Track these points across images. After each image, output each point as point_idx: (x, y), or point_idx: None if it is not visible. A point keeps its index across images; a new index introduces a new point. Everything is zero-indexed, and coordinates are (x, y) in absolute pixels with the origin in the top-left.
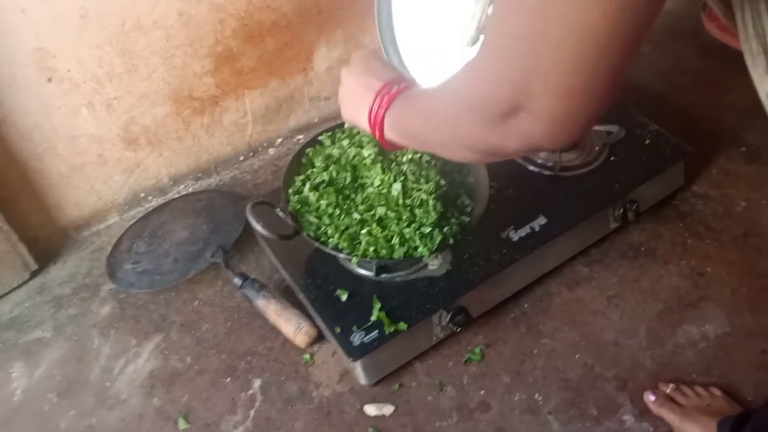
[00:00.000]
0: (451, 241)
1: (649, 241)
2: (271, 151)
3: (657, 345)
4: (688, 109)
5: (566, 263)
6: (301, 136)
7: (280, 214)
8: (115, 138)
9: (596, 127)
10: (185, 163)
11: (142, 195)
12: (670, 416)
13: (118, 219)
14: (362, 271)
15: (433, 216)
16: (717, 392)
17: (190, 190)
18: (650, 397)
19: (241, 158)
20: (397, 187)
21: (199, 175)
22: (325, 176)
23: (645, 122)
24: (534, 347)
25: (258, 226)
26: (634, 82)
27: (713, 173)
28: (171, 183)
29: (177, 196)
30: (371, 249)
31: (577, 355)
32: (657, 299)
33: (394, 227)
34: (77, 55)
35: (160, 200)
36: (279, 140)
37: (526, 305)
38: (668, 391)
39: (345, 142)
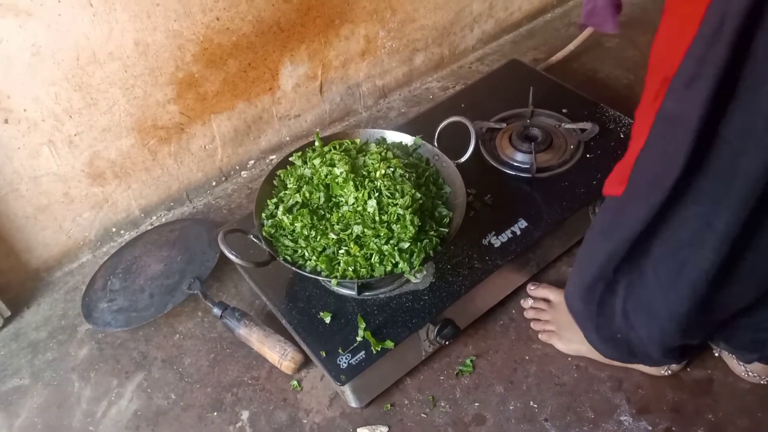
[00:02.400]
0: (432, 253)
1: None
2: (244, 173)
3: None
4: None
5: (551, 265)
6: (273, 156)
7: (255, 240)
8: (79, 174)
9: (569, 125)
10: (155, 194)
11: (114, 230)
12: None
13: (90, 256)
14: (344, 291)
15: (411, 231)
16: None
17: (164, 220)
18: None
19: (213, 183)
20: (372, 203)
21: (171, 204)
22: (298, 198)
23: (618, 116)
24: (525, 353)
25: (232, 256)
26: (602, 77)
27: None
28: (142, 215)
29: (150, 227)
30: (350, 269)
31: (569, 358)
32: None
33: (372, 245)
34: (32, 94)
35: (133, 233)
36: (251, 162)
37: (513, 311)
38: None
39: (316, 161)
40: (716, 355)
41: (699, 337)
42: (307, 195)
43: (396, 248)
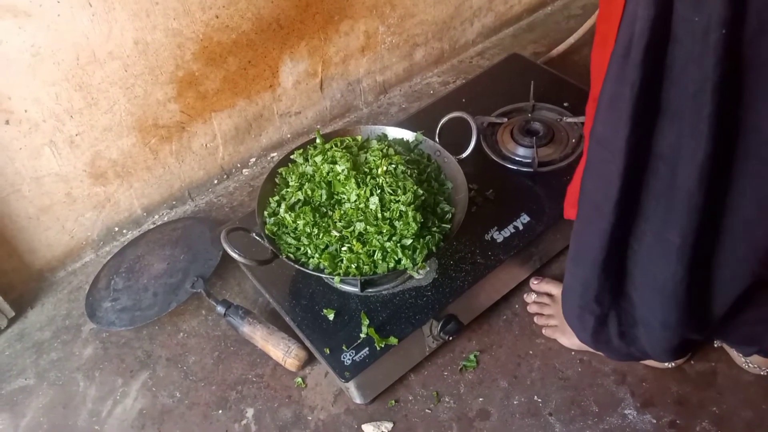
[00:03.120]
0: (434, 249)
1: None
2: (246, 171)
3: None
4: None
5: (554, 259)
6: (274, 154)
7: (257, 238)
8: (81, 174)
9: (570, 119)
10: (157, 193)
11: (116, 229)
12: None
13: (93, 256)
14: (347, 288)
15: (414, 227)
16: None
17: (165, 219)
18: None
19: (215, 182)
20: (374, 200)
21: (173, 203)
22: (300, 195)
23: None
24: (529, 348)
25: (235, 254)
26: None
27: None
28: (145, 214)
29: (152, 226)
30: (353, 266)
31: (573, 352)
32: None
33: (374, 242)
34: (33, 95)
35: (136, 233)
36: (252, 160)
37: (517, 306)
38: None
39: (318, 159)
40: (716, 345)
41: (704, 331)
42: (309, 193)
43: (399, 245)
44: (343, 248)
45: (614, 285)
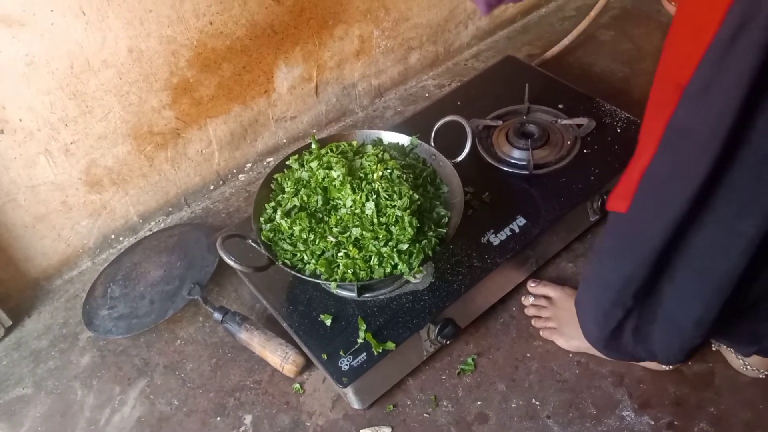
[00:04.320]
0: (431, 254)
1: None
2: (242, 177)
3: None
4: None
5: (550, 261)
6: (270, 159)
7: (253, 244)
8: (77, 182)
9: (565, 121)
10: (153, 200)
11: (113, 236)
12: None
13: (90, 264)
14: (344, 293)
15: (410, 232)
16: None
17: (162, 226)
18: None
19: (211, 188)
20: (370, 206)
21: (170, 209)
22: (296, 201)
23: (614, 111)
24: (527, 351)
25: (231, 261)
26: (597, 71)
27: None
28: (141, 221)
29: (149, 233)
30: (350, 272)
31: (571, 355)
32: None
33: (371, 247)
34: (27, 103)
35: (132, 240)
36: (248, 165)
37: (514, 309)
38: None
39: (314, 164)
40: (714, 349)
41: (713, 334)
42: (305, 198)
43: (395, 250)
44: (340, 254)
45: (654, 279)
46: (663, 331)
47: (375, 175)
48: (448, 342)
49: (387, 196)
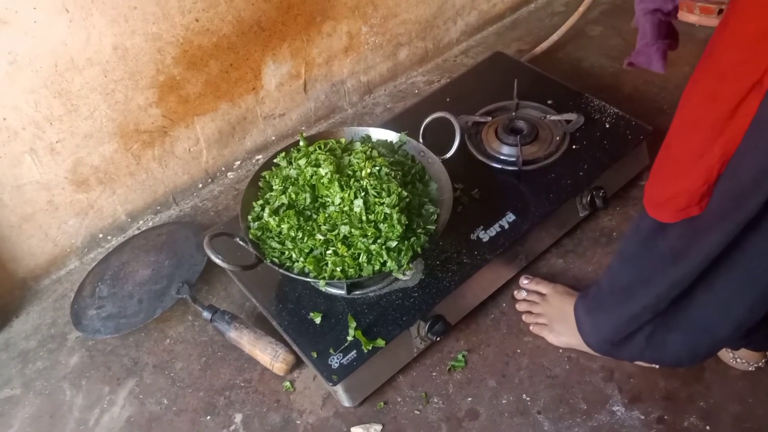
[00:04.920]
0: (419, 251)
1: (621, 225)
2: (230, 174)
3: None
4: (644, 87)
5: (540, 257)
6: (259, 156)
7: (241, 243)
8: (63, 182)
9: (554, 117)
10: (141, 198)
11: (101, 236)
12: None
13: (78, 263)
14: (334, 291)
15: (398, 229)
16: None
17: (150, 224)
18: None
19: (200, 186)
20: (358, 203)
21: (158, 208)
22: (284, 199)
23: (603, 106)
24: (517, 347)
25: (218, 260)
26: (587, 66)
27: None
28: (129, 220)
29: (137, 232)
30: (338, 270)
31: (561, 350)
32: None
33: (359, 245)
34: (11, 103)
35: (120, 239)
36: (237, 163)
37: (504, 305)
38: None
39: (302, 162)
40: None
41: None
42: (293, 196)
43: (384, 247)
44: (328, 252)
45: (692, 285)
46: (688, 337)
47: (363, 173)
48: (438, 339)
49: (375, 194)
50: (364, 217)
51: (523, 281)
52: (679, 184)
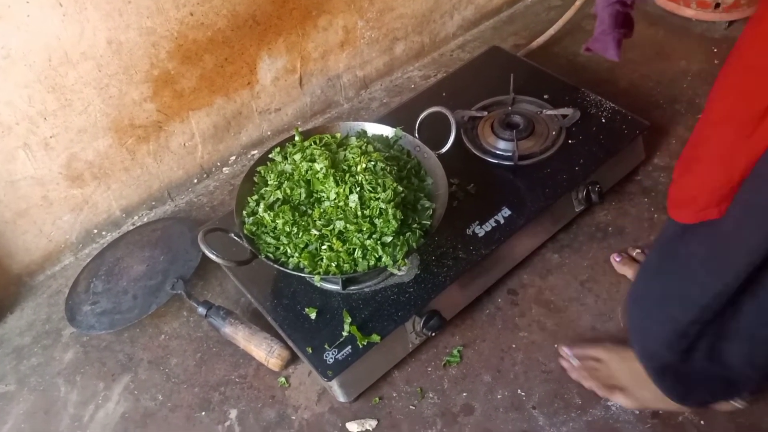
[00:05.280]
0: (415, 246)
1: (616, 220)
2: (226, 170)
3: None
4: (640, 82)
5: (536, 252)
6: (255, 152)
7: (236, 238)
8: (57, 177)
9: (550, 112)
10: (136, 193)
11: (95, 231)
12: (632, 273)
13: (73, 259)
14: (329, 286)
15: (394, 225)
16: None
17: (145, 220)
18: (616, 258)
19: (195, 181)
20: (354, 198)
21: (153, 203)
22: (279, 194)
23: (599, 101)
24: (512, 342)
25: (213, 255)
26: (583, 60)
27: (673, 144)
28: (124, 215)
29: (132, 228)
30: (333, 265)
31: (556, 345)
32: (629, 279)
33: (354, 240)
34: (5, 97)
35: (115, 234)
36: (232, 158)
37: (499, 300)
38: (634, 254)
39: (297, 157)
40: None
41: None
42: (288, 191)
43: (379, 242)
44: (323, 247)
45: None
46: (741, 346)
47: (359, 168)
48: (433, 334)
49: (371, 189)
50: (359, 213)
51: (566, 351)
52: (701, 183)
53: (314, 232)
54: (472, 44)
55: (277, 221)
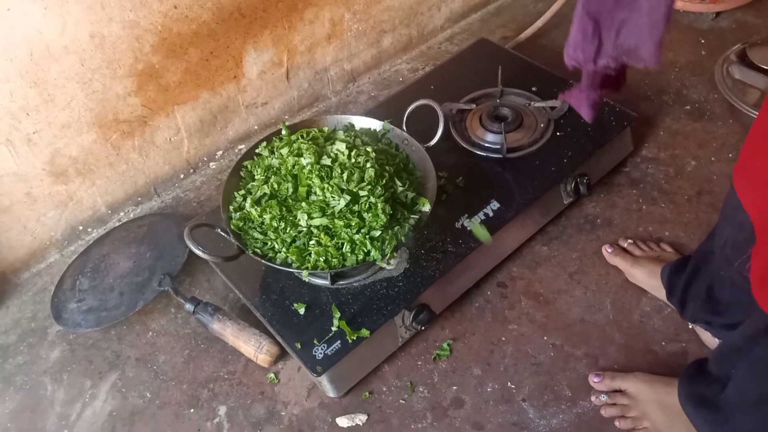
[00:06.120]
0: (403, 240)
1: (605, 212)
2: (213, 164)
3: (623, 317)
4: (628, 73)
5: (525, 244)
6: (242, 146)
7: (222, 233)
8: (41, 173)
9: (538, 104)
10: (122, 189)
11: (81, 228)
12: (623, 263)
13: (58, 256)
14: (317, 281)
15: (383, 219)
16: (667, 248)
17: (131, 216)
18: (608, 249)
19: (181, 176)
20: (343, 200)
21: (139, 199)
22: (266, 189)
23: None
24: (502, 335)
25: (199, 251)
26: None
27: (661, 135)
28: (109, 211)
29: (117, 224)
30: (321, 260)
31: (546, 337)
32: (619, 270)
33: (343, 235)
34: None
35: (101, 231)
36: (219, 153)
37: (489, 293)
38: (625, 245)
39: (284, 151)
40: (690, 327)
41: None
42: (276, 186)
43: (367, 237)
44: (311, 242)
45: None
46: None
47: (347, 162)
48: (423, 328)
49: (359, 183)
50: (346, 209)
51: (594, 380)
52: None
53: (302, 225)
54: (460, 36)
55: (264, 216)
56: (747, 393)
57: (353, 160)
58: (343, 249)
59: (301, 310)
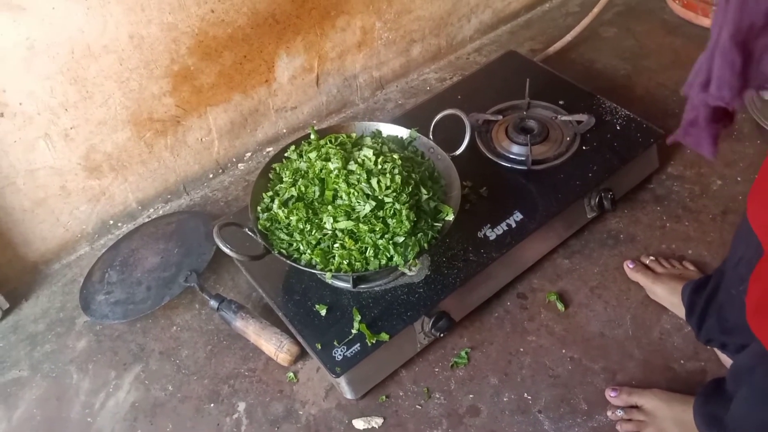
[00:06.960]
0: (426, 247)
1: (628, 228)
2: (241, 166)
3: (643, 333)
4: (655, 90)
5: (546, 257)
6: (270, 149)
7: (250, 233)
8: (76, 168)
9: (565, 117)
10: (152, 186)
11: (111, 222)
12: (644, 280)
13: (88, 249)
14: (340, 284)
15: (407, 225)
16: (690, 266)
17: (161, 213)
18: (629, 265)
19: (210, 176)
20: (369, 205)
21: (168, 197)
22: (294, 191)
23: (614, 108)
24: (520, 345)
25: (227, 249)
26: (599, 67)
27: (687, 153)
28: (140, 207)
29: (147, 220)
30: (345, 263)
31: (564, 350)
32: (640, 287)
33: (367, 239)
34: (28, 88)
35: (130, 226)
36: (248, 154)
37: (509, 303)
38: (647, 261)
39: (312, 155)
40: (709, 348)
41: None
42: (303, 189)
43: (391, 242)
44: (335, 245)
45: None
46: None
47: (374, 168)
48: (442, 335)
49: (385, 189)
50: (371, 215)
51: (611, 395)
52: None
53: (327, 228)
54: (489, 48)
55: (290, 218)
56: (748, 418)
57: (380, 167)
58: (367, 253)
59: (323, 312)
